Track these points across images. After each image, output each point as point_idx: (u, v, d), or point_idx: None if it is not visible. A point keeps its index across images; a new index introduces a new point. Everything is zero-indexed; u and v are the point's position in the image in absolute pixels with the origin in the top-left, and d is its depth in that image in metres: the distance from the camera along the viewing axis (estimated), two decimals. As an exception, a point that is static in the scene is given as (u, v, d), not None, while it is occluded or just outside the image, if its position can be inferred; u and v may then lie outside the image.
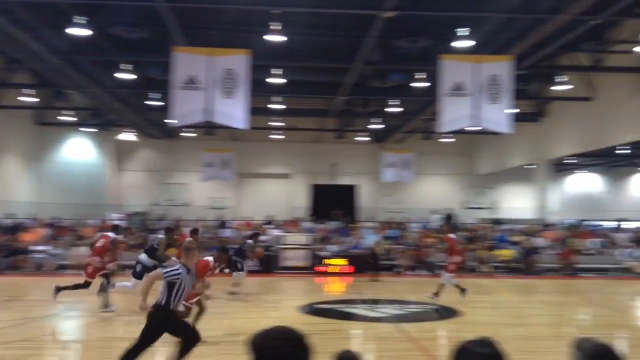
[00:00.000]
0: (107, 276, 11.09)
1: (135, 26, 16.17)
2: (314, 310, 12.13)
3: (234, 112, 13.70)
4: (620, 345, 9.35)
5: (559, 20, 14.22)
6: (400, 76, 20.39)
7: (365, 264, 18.52)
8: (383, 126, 28.84)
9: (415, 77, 19.78)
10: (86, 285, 11.10)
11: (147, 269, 10.75)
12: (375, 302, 12.90)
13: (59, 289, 11.28)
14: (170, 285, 6.13)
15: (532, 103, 27.76)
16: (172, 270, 6.26)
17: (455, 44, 15.33)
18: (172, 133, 31.61)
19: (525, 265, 19.45)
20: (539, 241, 21.17)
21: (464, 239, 20.66)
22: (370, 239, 19.82)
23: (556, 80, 22.08)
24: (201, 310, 8.66)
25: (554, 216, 28.45)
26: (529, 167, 30.55)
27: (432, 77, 17.50)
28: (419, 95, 21.91)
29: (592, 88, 23.70)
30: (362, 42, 16.35)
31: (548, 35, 15.63)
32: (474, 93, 14.53)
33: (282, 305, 13.15)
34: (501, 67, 14.40)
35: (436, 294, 12.84)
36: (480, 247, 20.29)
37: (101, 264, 11.13)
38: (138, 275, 11.15)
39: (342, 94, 22.25)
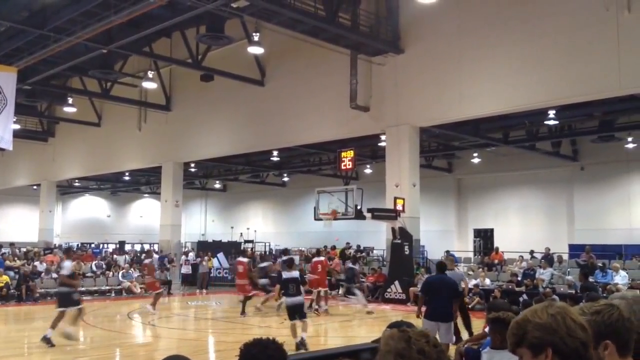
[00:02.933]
0: None
1: None
2: None
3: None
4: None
5: (67, 42, 14.23)
6: None
7: None
8: None
9: None
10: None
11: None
12: None
13: None
14: None
15: (41, 121, 26.88)
16: None
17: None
18: None
19: (21, 291, 18.25)
20: (40, 266, 20.27)
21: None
22: None
23: (68, 102, 21.97)
24: None
25: (57, 239, 27.96)
26: (35, 187, 29.26)
27: None
28: None
29: (101, 114, 24.59)
30: None
31: (57, 54, 15.45)
32: (-30, 102, 13.05)
33: None
34: (4, 78, 13.35)
35: None
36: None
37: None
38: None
39: None
